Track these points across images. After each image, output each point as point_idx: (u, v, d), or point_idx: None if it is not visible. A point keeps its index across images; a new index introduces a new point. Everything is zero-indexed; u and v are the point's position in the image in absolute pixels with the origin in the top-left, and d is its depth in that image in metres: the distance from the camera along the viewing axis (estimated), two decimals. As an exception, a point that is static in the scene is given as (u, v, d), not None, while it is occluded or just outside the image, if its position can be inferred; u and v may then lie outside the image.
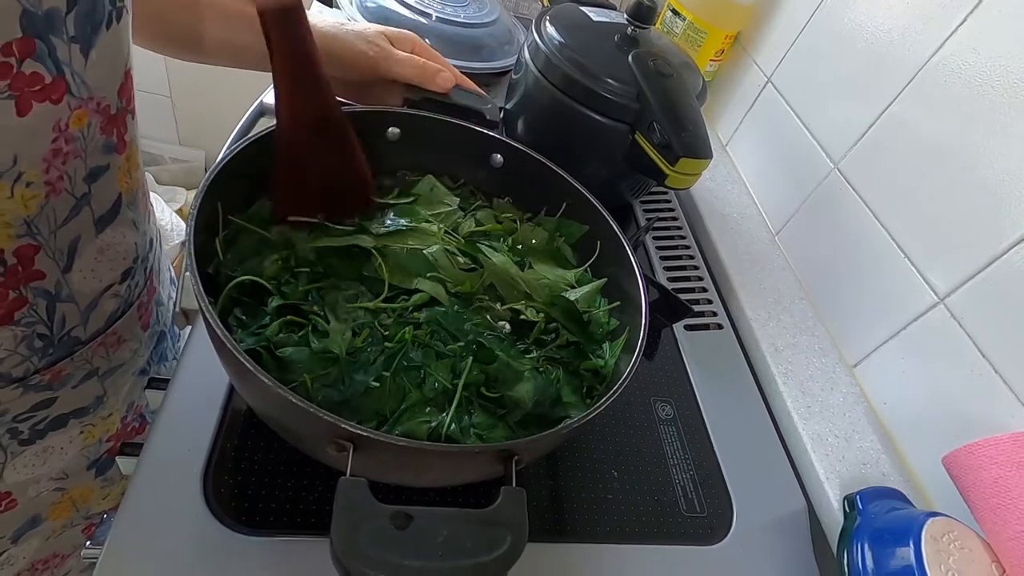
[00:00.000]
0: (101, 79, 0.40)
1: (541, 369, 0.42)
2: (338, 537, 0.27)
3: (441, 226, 0.49)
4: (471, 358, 0.40)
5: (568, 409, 0.41)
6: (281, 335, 0.38)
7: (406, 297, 0.43)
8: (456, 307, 0.43)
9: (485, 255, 0.46)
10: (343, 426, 0.28)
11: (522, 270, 0.48)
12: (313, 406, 0.28)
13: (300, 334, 0.38)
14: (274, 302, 0.39)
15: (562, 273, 0.50)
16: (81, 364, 0.49)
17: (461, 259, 0.46)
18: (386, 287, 0.42)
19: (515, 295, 0.46)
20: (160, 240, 0.59)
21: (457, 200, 0.52)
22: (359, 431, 0.28)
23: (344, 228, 0.46)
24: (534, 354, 0.43)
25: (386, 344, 0.39)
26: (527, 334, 0.45)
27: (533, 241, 0.52)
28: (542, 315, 0.45)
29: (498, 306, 0.45)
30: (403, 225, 0.47)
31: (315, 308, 0.40)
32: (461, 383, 0.38)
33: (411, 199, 0.51)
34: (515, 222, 0.53)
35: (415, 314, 0.42)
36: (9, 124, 0.34)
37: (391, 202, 0.50)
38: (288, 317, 0.39)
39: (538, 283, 0.47)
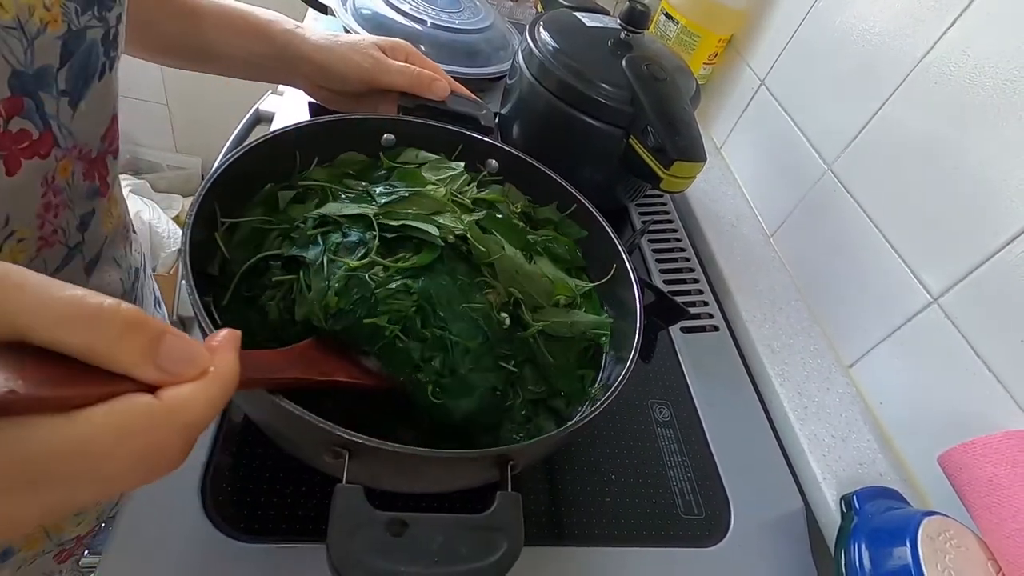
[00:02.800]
0: (88, 127, 0.39)
1: (500, 390, 0.40)
2: (334, 544, 0.27)
3: (448, 188, 0.46)
4: (436, 358, 0.38)
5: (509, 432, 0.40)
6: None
7: (406, 256, 0.40)
8: (459, 281, 0.40)
9: (497, 238, 0.44)
10: (338, 433, 0.28)
11: (529, 262, 0.46)
12: (309, 414, 0.28)
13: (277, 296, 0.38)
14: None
15: (563, 277, 0.49)
16: None
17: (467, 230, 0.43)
18: (376, 237, 0.39)
19: (516, 285, 0.43)
20: (145, 264, 0.58)
21: (462, 164, 0.50)
22: (354, 438, 0.28)
23: (349, 191, 0.45)
24: (510, 364, 0.41)
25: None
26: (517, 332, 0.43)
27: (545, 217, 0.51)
28: (540, 324, 0.43)
29: (501, 289, 0.42)
30: (405, 192, 0.44)
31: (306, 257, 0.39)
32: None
33: (417, 165, 0.49)
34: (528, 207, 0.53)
35: (408, 282, 0.39)
36: None
37: (396, 164, 0.48)
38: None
39: (541, 284, 0.45)
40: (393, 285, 0.38)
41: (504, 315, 0.41)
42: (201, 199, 0.37)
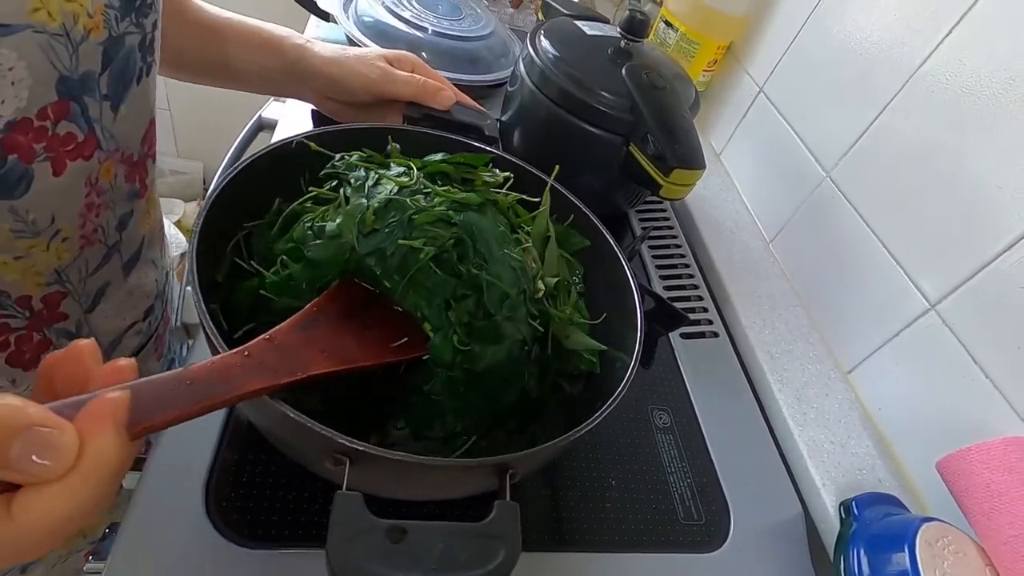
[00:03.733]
0: (128, 130, 0.40)
1: (528, 346, 0.39)
2: (334, 551, 0.27)
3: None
4: (471, 298, 0.36)
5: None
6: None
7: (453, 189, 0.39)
8: (501, 229, 0.39)
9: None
10: (339, 440, 0.28)
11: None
12: (310, 421, 0.28)
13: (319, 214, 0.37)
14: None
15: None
16: None
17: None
18: (420, 174, 0.39)
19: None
20: (172, 269, 0.60)
21: None
22: (355, 445, 0.28)
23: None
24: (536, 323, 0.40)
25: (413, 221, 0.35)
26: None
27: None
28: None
29: (536, 254, 0.41)
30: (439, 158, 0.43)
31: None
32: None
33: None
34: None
35: (452, 213, 0.37)
36: (46, 185, 0.34)
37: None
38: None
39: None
40: (436, 209, 0.36)
41: (541, 285, 0.40)
42: (207, 210, 0.38)
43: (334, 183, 0.42)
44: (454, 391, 0.37)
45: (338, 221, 0.36)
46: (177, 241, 1.48)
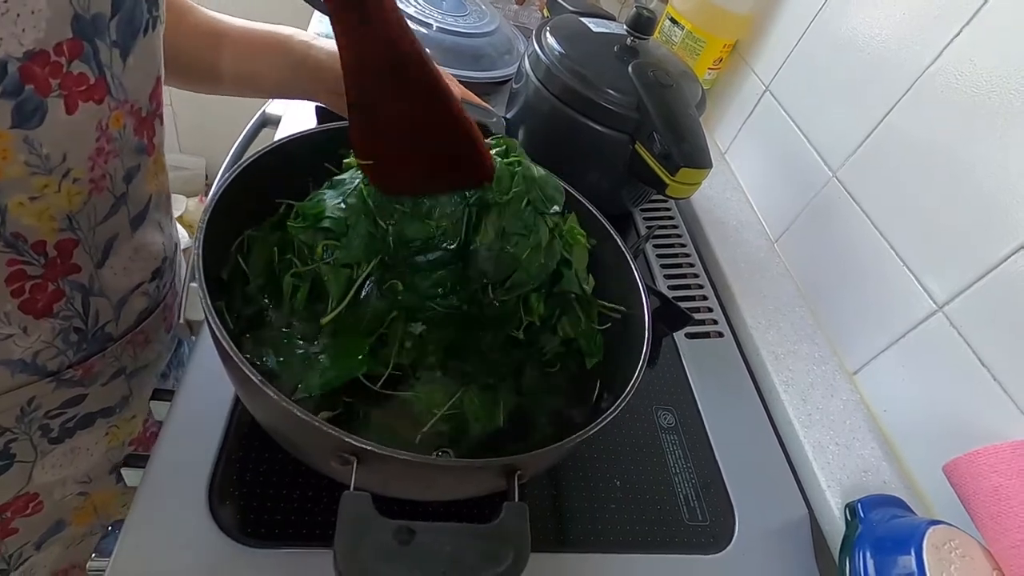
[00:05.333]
0: (136, 83, 0.41)
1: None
2: (341, 552, 0.27)
3: None
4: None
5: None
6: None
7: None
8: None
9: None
10: (347, 440, 0.28)
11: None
12: (318, 420, 0.28)
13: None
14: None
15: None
16: (111, 361, 0.50)
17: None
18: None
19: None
20: (179, 246, 0.61)
21: None
22: (364, 445, 0.28)
23: None
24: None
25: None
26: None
27: None
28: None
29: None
30: None
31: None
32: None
33: None
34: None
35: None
36: (59, 122, 0.36)
37: None
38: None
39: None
40: None
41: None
42: (211, 209, 0.37)
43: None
44: None
45: None
46: (180, 236, 1.48)
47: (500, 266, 0.42)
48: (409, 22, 0.79)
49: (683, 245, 0.75)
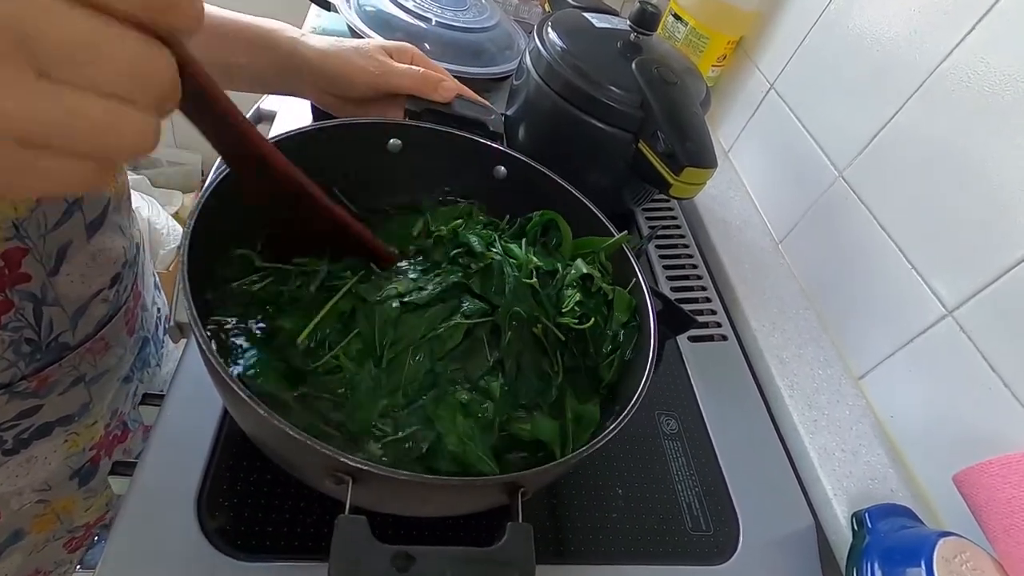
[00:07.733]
0: None
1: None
2: (336, 578, 0.25)
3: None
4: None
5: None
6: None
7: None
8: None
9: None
10: (342, 459, 0.26)
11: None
12: (311, 438, 0.27)
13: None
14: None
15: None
16: (68, 370, 0.48)
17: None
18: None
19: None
20: (145, 244, 0.58)
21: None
22: (360, 465, 0.26)
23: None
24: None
25: None
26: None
27: None
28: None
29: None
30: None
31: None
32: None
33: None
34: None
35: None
36: None
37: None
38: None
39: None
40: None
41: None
42: (199, 211, 0.36)
43: None
44: None
45: None
46: (175, 234, 1.46)
47: None
48: (408, 16, 0.78)
49: (686, 246, 0.74)
